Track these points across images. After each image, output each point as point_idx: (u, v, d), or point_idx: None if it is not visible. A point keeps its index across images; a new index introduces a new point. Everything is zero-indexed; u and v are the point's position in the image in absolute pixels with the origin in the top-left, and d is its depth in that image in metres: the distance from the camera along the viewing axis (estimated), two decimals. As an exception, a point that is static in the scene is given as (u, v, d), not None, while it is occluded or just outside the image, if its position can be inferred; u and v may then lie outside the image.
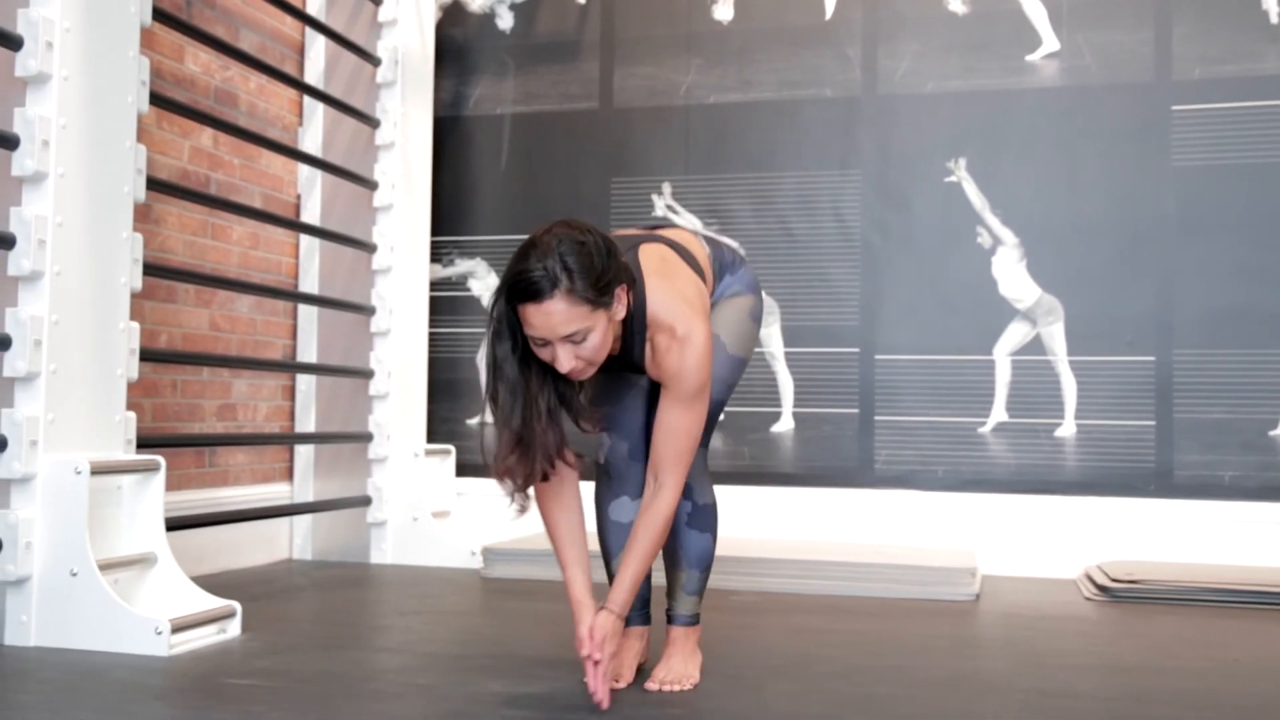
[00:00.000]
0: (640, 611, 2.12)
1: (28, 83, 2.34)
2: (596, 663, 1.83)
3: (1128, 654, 2.43)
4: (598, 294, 1.75)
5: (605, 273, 1.77)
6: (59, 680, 2.03)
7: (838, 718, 1.87)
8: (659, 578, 2.12)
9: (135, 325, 2.55)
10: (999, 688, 2.10)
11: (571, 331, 1.75)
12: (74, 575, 2.27)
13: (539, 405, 1.82)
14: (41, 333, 2.29)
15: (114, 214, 2.49)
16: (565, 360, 1.77)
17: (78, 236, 2.39)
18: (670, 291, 1.89)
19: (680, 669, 1.99)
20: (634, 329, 1.90)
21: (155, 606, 2.38)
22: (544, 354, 1.79)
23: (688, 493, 2.00)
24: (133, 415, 2.53)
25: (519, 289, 1.74)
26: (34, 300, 2.31)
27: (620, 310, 1.82)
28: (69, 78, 2.36)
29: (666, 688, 1.96)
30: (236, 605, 2.47)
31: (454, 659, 2.27)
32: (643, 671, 2.07)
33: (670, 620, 2.05)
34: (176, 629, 2.27)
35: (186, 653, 2.27)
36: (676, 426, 1.86)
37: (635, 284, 1.87)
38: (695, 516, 2.03)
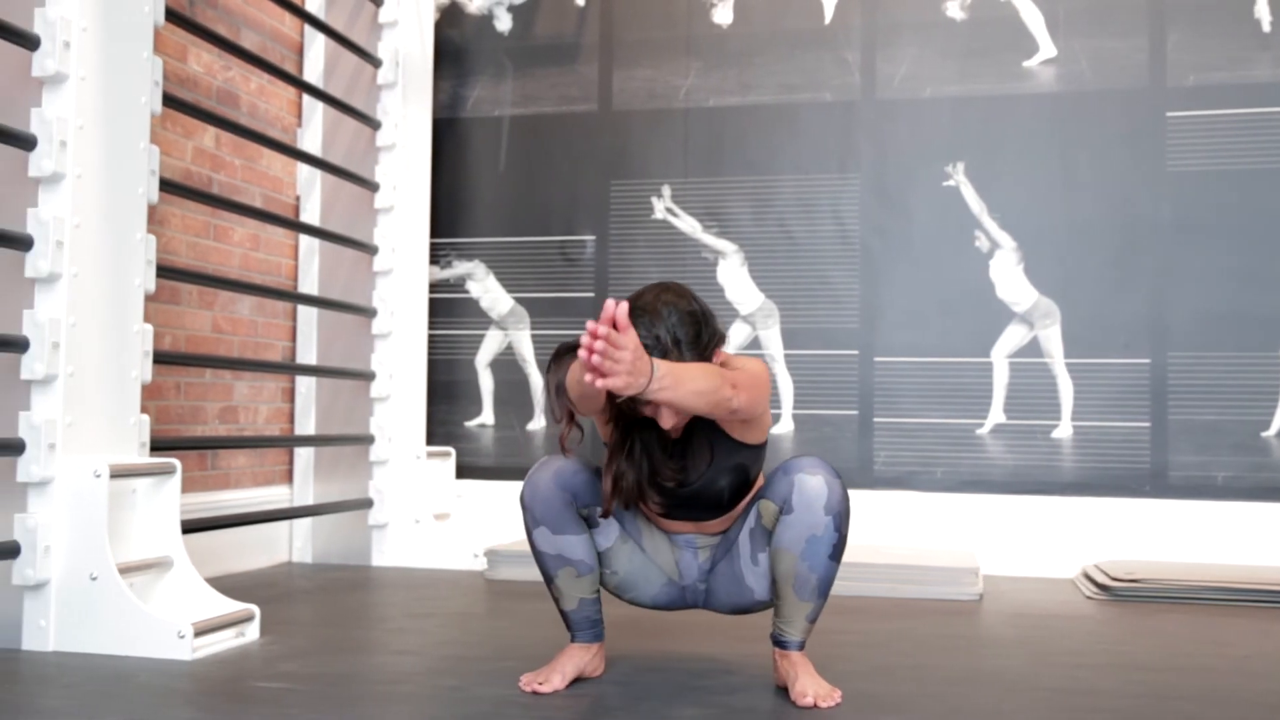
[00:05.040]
0: (593, 630, 2.13)
1: (44, 83, 2.32)
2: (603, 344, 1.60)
3: (1139, 652, 2.47)
4: (701, 360, 1.87)
5: (710, 340, 1.90)
6: (86, 685, 2.02)
7: (872, 718, 1.89)
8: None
9: (149, 327, 2.54)
10: (1021, 687, 2.12)
11: None
12: (94, 579, 2.26)
13: (635, 445, 1.96)
14: (60, 335, 2.27)
15: (129, 215, 2.48)
16: (668, 418, 1.89)
17: (94, 238, 2.37)
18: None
19: (826, 686, 2.00)
20: None
21: (174, 610, 2.36)
22: (646, 409, 1.90)
23: (839, 524, 1.98)
24: (146, 418, 2.52)
25: None
26: (51, 302, 2.29)
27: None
28: (86, 78, 2.34)
29: (823, 703, 1.95)
30: (255, 609, 2.46)
31: (475, 660, 2.28)
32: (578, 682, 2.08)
33: (785, 645, 2.05)
34: (198, 633, 2.26)
35: (208, 656, 2.26)
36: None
37: (725, 342, 1.99)
38: (838, 550, 2.00)
